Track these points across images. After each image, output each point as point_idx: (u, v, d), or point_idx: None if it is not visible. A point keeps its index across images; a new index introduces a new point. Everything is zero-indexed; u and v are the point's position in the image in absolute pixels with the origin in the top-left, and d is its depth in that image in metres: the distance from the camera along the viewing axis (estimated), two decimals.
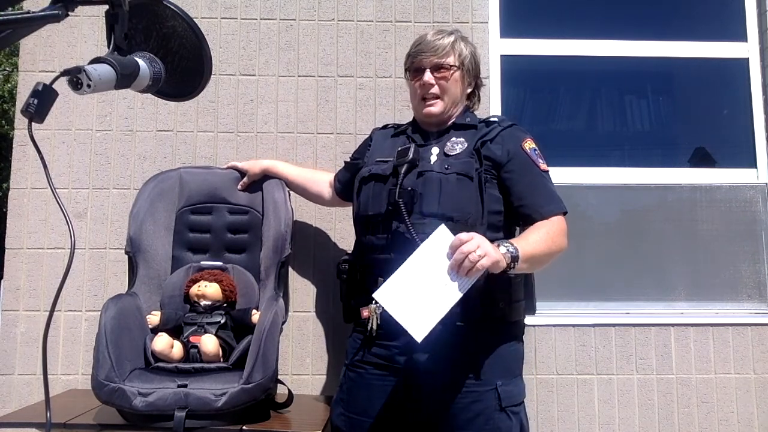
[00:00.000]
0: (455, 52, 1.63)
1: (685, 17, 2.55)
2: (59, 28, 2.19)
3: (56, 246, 2.15)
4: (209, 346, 1.65)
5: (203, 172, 2.00)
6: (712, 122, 2.57)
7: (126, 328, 1.66)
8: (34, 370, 2.10)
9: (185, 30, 0.98)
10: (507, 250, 1.37)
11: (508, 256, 1.35)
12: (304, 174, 2.00)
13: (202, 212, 1.95)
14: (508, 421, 1.44)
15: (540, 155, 1.59)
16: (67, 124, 2.20)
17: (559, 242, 1.49)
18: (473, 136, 1.58)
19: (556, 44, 2.42)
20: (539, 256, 1.45)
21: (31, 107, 0.81)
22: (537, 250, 1.44)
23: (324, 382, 2.11)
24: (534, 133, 1.62)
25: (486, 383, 1.44)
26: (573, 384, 2.16)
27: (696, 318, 2.23)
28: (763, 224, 2.35)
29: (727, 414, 2.16)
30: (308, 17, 2.29)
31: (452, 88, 1.63)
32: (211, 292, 1.77)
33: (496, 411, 1.43)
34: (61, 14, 0.81)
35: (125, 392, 1.50)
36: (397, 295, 1.30)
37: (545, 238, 1.47)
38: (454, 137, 1.60)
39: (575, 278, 2.31)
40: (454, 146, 1.58)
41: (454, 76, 1.62)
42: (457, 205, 1.49)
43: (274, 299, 1.73)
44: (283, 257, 1.82)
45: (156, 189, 1.93)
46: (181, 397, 1.50)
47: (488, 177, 1.53)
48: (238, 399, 1.50)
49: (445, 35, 1.64)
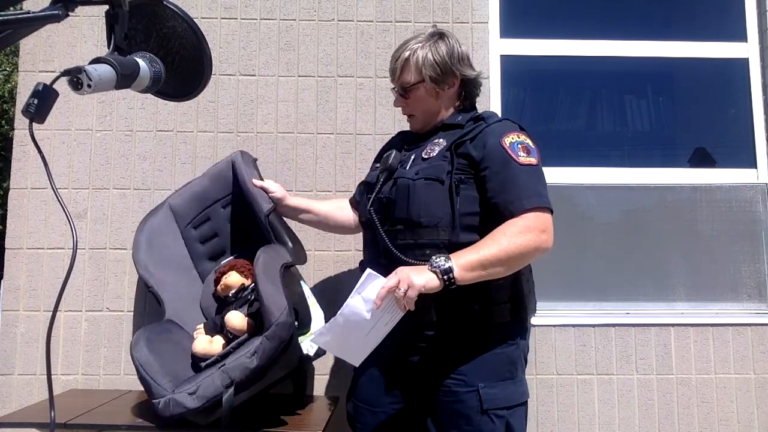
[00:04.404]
0: (410, 68, 1.58)
1: (685, 17, 2.55)
2: (59, 28, 2.20)
3: (56, 246, 2.15)
4: (234, 321, 1.66)
5: (185, 188, 1.97)
6: (712, 122, 2.57)
7: (162, 347, 1.65)
8: (34, 370, 2.10)
9: (185, 30, 0.98)
10: (437, 266, 1.35)
11: (438, 273, 1.34)
12: (327, 204, 1.91)
13: (201, 222, 1.95)
14: (491, 424, 1.43)
15: (524, 148, 1.49)
16: (67, 124, 2.20)
17: (520, 241, 1.38)
18: (454, 135, 1.56)
19: (556, 44, 2.42)
20: (491, 260, 1.37)
21: (32, 107, 0.81)
22: (486, 256, 1.37)
23: (326, 382, 2.11)
24: (534, 133, 1.59)
25: (467, 385, 1.45)
26: (573, 384, 2.16)
27: (696, 318, 2.23)
28: (763, 224, 2.35)
29: (727, 414, 2.16)
30: (308, 17, 2.29)
31: (420, 104, 1.62)
32: (231, 280, 1.79)
33: (477, 413, 1.43)
34: (61, 14, 0.81)
35: (177, 399, 1.50)
36: (333, 338, 1.40)
37: (499, 239, 1.39)
38: (436, 138, 1.60)
39: (575, 278, 2.32)
40: (433, 148, 1.58)
41: (417, 94, 1.60)
42: (425, 211, 1.49)
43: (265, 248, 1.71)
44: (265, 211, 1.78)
45: (149, 230, 1.91)
46: (224, 376, 1.49)
47: (463, 177, 1.49)
48: (268, 349, 1.48)
49: (404, 49, 1.60)
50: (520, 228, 1.40)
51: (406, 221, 1.51)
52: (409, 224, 1.50)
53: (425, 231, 1.47)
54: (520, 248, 1.38)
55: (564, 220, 2.34)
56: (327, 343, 1.42)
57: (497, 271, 1.39)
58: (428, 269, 1.35)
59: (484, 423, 1.43)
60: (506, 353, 1.50)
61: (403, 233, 1.51)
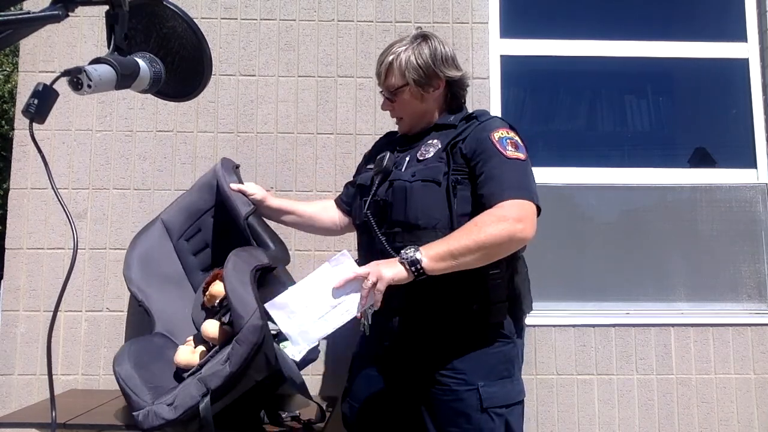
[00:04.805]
0: (394, 72, 1.58)
1: (685, 17, 2.55)
2: (59, 28, 2.20)
3: (56, 246, 2.15)
4: (208, 329, 1.65)
5: (176, 202, 1.96)
6: (712, 122, 2.57)
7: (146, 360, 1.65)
8: (34, 370, 2.10)
9: (185, 30, 0.98)
10: (405, 257, 1.35)
11: (406, 264, 1.35)
12: (312, 206, 1.88)
13: (193, 234, 1.94)
14: (491, 422, 1.43)
15: (513, 143, 1.48)
16: (67, 125, 2.20)
17: (492, 230, 1.36)
18: (448, 136, 1.56)
19: (556, 44, 2.42)
20: (460, 250, 1.35)
21: (32, 108, 0.81)
22: (455, 246, 1.35)
23: (324, 383, 2.11)
24: (534, 133, 1.59)
25: (467, 383, 1.45)
26: (573, 384, 2.16)
27: (696, 318, 2.23)
28: (763, 224, 2.35)
29: (727, 414, 2.16)
30: (308, 17, 2.29)
31: (407, 107, 1.61)
32: (216, 290, 1.77)
33: (477, 411, 1.43)
34: (61, 14, 0.81)
35: (156, 411, 1.49)
36: (287, 310, 1.35)
37: (470, 229, 1.38)
38: (430, 139, 1.60)
39: (575, 278, 2.32)
40: (428, 149, 1.58)
41: (402, 97, 1.59)
42: (423, 213, 1.48)
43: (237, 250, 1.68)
44: (243, 215, 1.74)
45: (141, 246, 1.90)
46: (200, 385, 1.48)
47: (459, 178, 1.49)
48: (240, 353, 1.46)
49: (388, 54, 1.59)
50: (494, 217, 1.38)
51: (404, 224, 1.50)
52: (407, 226, 1.50)
53: (423, 233, 1.47)
54: (491, 237, 1.36)
55: (564, 220, 2.35)
56: (279, 315, 1.36)
57: (468, 261, 1.37)
58: (397, 261, 1.36)
59: (484, 421, 1.43)
60: (504, 351, 1.50)
61: (400, 235, 1.50)
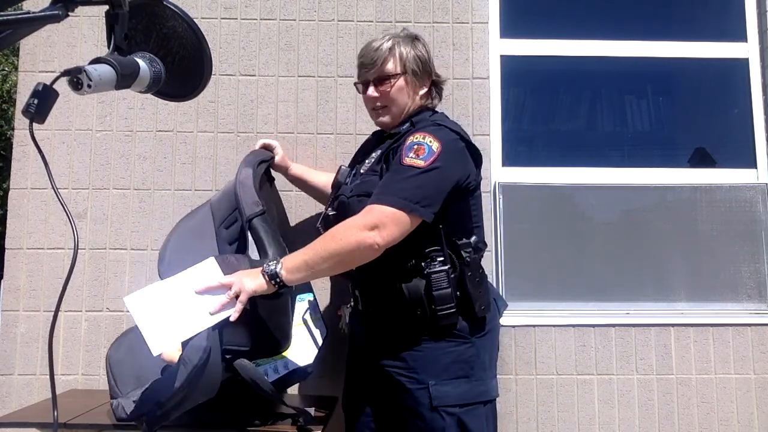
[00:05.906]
0: (395, 58, 1.58)
1: (685, 17, 2.55)
2: (59, 28, 2.20)
3: (56, 246, 2.15)
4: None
5: (223, 189, 1.91)
6: (712, 122, 2.57)
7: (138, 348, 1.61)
8: (34, 370, 2.10)
9: (185, 30, 0.98)
10: (267, 270, 1.39)
11: (266, 276, 1.38)
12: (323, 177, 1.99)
13: (231, 222, 1.91)
14: (441, 421, 1.45)
15: (418, 149, 1.45)
16: (67, 124, 2.20)
17: (341, 238, 1.39)
18: (387, 146, 1.58)
19: (556, 44, 2.42)
20: (315, 260, 1.40)
21: (32, 107, 0.81)
22: (310, 257, 1.40)
23: (325, 383, 2.10)
24: (534, 133, 1.59)
25: (419, 382, 1.48)
26: (573, 384, 2.16)
27: (696, 318, 2.23)
28: (763, 224, 2.35)
29: (727, 414, 2.16)
30: (308, 17, 2.29)
31: (398, 97, 1.60)
32: None
33: (427, 410, 1.46)
34: (61, 14, 0.81)
35: (122, 405, 1.53)
36: (147, 306, 1.33)
37: (326, 237, 1.42)
38: (375, 151, 1.63)
39: (575, 278, 2.31)
40: (370, 161, 1.61)
41: (397, 85, 1.59)
42: None
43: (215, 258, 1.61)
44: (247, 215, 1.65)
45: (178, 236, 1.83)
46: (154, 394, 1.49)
47: None
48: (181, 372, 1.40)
49: (384, 40, 1.60)
50: (348, 225, 1.41)
51: None
52: None
53: None
54: (341, 245, 1.39)
55: (564, 220, 2.35)
56: (138, 309, 1.32)
57: (323, 269, 1.42)
58: (260, 272, 1.39)
59: (435, 420, 1.45)
60: (458, 351, 1.49)
61: None
